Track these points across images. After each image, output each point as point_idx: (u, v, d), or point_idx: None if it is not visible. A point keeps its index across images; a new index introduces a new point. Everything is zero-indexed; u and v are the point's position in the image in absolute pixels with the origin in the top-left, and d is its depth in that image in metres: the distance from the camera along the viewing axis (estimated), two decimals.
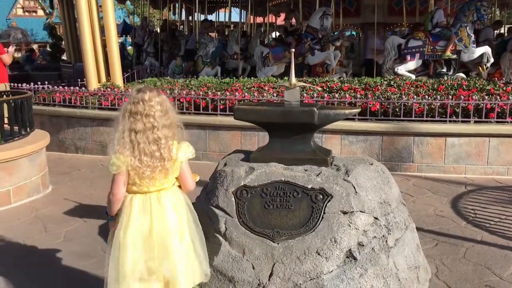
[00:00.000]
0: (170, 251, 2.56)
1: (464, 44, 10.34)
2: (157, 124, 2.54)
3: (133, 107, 2.55)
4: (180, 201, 2.69)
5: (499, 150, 6.13)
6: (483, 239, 4.22)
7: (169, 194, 2.65)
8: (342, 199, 3.10)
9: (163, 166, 2.57)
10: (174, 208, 2.64)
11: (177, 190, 2.73)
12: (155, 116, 2.54)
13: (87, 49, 8.18)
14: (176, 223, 2.62)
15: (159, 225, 2.56)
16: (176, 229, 2.61)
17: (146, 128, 2.54)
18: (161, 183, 2.61)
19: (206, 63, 12.16)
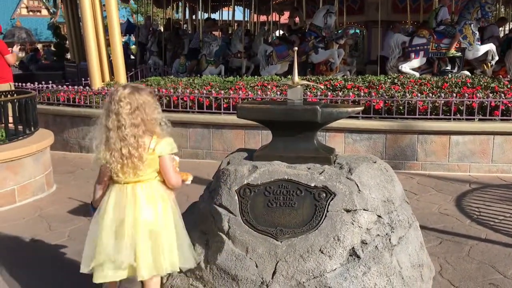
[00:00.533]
0: (138, 240, 2.71)
1: (469, 42, 10.29)
2: (125, 123, 2.65)
3: (108, 105, 2.71)
4: (157, 195, 2.82)
5: (504, 148, 6.11)
6: (487, 237, 4.20)
7: (145, 186, 2.79)
8: (345, 197, 3.10)
9: (132, 162, 2.69)
10: (148, 201, 2.77)
11: (156, 183, 2.86)
12: (122, 115, 2.65)
13: (91, 49, 8.20)
14: (149, 215, 2.75)
15: (130, 215, 2.72)
16: (147, 220, 2.74)
17: (115, 126, 2.67)
18: (135, 176, 2.74)
19: (210, 62, 12.16)
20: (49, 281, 3.52)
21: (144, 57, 15.21)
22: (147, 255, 2.74)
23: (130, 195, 2.74)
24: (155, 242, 2.77)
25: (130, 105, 2.65)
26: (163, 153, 2.79)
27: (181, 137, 7.19)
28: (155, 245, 2.77)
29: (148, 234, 2.75)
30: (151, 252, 2.76)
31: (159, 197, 2.83)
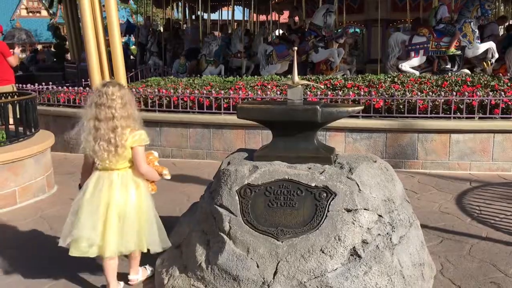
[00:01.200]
0: (108, 221, 3.08)
1: (469, 40, 10.30)
2: (117, 115, 3.03)
3: (98, 99, 3.04)
4: (130, 182, 3.17)
5: (504, 146, 6.11)
6: (488, 235, 4.20)
7: (121, 174, 3.15)
8: (346, 197, 3.11)
9: (116, 151, 3.06)
10: (122, 186, 3.13)
11: (131, 172, 3.20)
12: (116, 108, 3.03)
13: (91, 49, 8.19)
14: (120, 199, 3.12)
15: (105, 198, 3.09)
16: (118, 203, 3.11)
17: (107, 118, 3.02)
18: (115, 164, 3.11)
19: (210, 62, 12.18)
20: (51, 281, 3.53)
21: (144, 58, 15.22)
22: (114, 235, 3.09)
23: (107, 180, 3.11)
24: (124, 223, 3.11)
25: (121, 100, 3.05)
26: (135, 144, 3.12)
27: (181, 137, 7.20)
28: (124, 226, 3.11)
29: (117, 216, 3.10)
30: (118, 233, 3.10)
31: (132, 184, 3.18)
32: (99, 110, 3.02)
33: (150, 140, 7.22)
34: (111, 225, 3.08)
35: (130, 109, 3.09)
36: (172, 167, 6.75)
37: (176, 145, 7.20)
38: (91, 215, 3.08)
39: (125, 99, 3.07)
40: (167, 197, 5.38)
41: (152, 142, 7.33)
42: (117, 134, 3.03)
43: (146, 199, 3.23)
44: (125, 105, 3.06)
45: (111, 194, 3.10)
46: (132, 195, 3.16)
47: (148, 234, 3.22)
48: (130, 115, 3.09)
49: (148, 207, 3.23)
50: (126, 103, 3.07)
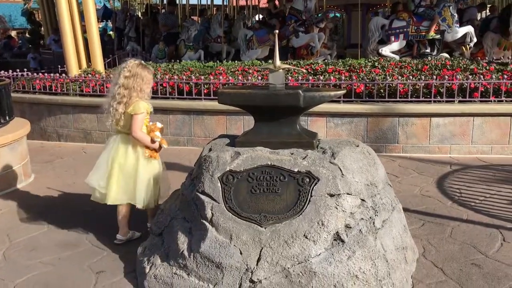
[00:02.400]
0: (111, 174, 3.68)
1: (448, 24, 10.34)
2: (119, 82, 3.54)
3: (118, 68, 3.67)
4: (130, 144, 3.66)
5: (483, 129, 6.17)
6: (468, 218, 4.24)
7: (125, 137, 3.68)
8: (329, 182, 3.09)
9: (115, 115, 3.58)
10: (124, 147, 3.67)
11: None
12: (121, 76, 3.54)
13: (67, 35, 7.99)
14: (121, 158, 3.67)
15: (111, 155, 3.70)
16: (120, 161, 3.66)
17: (114, 84, 3.60)
18: (121, 127, 3.65)
19: (189, 47, 12.00)
20: (29, 274, 3.44)
21: (122, 43, 14.92)
22: (113, 186, 3.66)
23: (115, 141, 3.71)
24: (122, 178, 3.67)
25: (130, 72, 3.53)
26: (132, 112, 3.53)
27: (161, 123, 7.07)
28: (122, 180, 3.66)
29: (118, 171, 3.65)
30: (117, 185, 3.67)
31: (131, 146, 3.66)
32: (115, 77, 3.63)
33: None
34: (112, 178, 3.65)
35: (135, 82, 3.51)
36: None
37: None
38: (100, 168, 3.70)
39: (133, 72, 3.52)
40: None
41: None
42: (116, 100, 3.53)
43: (140, 161, 3.66)
44: (131, 78, 3.51)
45: (115, 153, 3.67)
46: (130, 155, 3.65)
47: (137, 191, 3.66)
48: (133, 87, 3.51)
49: (142, 168, 3.66)
50: (133, 76, 3.51)
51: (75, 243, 3.87)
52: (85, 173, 5.80)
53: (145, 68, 3.62)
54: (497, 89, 6.23)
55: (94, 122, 7.34)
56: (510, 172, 5.52)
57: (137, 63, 3.60)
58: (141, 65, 3.61)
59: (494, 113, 6.12)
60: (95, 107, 7.30)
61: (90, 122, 7.37)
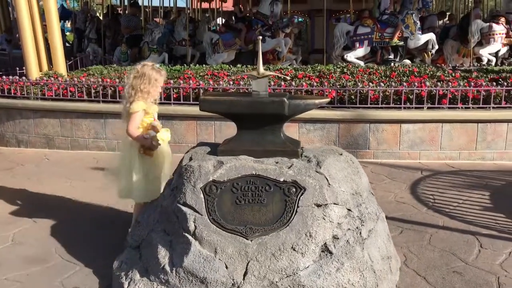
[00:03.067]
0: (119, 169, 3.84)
1: (411, 31, 10.56)
2: (128, 82, 3.64)
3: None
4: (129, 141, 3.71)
5: (451, 135, 6.28)
6: (444, 224, 4.28)
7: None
8: (316, 192, 3.02)
9: (123, 114, 3.72)
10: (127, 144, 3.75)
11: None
12: (130, 77, 3.64)
13: (26, 36, 7.63)
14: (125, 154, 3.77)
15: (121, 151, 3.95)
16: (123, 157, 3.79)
17: (125, 84, 3.71)
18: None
19: (153, 50, 11.74)
20: None
21: (82, 45, 14.47)
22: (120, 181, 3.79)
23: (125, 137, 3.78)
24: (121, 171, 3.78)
25: (138, 72, 3.59)
26: (130, 111, 3.58)
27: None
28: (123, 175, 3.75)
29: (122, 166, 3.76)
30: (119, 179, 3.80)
31: (129, 143, 3.72)
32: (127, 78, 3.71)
33: (94, 133, 6.83)
34: (119, 173, 3.79)
35: (142, 83, 3.56)
36: None
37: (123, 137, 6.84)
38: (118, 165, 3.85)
39: (141, 72, 3.58)
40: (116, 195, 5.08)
41: (96, 135, 6.96)
42: (124, 98, 3.66)
43: (133, 158, 3.69)
44: (138, 78, 3.56)
45: (121, 147, 4.01)
46: (127, 151, 3.74)
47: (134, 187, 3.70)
48: (139, 87, 3.56)
49: (134, 164, 3.69)
50: (141, 76, 3.56)
51: (44, 258, 3.63)
52: (49, 181, 5.61)
53: (155, 70, 3.64)
54: (464, 96, 6.36)
55: (57, 127, 7.02)
56: (479, 178, 5.64)
57: (148, 64, 3.66)
58: (151, 66, 3.64)
59: (462, 120, 6.24)
60: (58, 112, 7.00)
61: (52, 127, 7.05)
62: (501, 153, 6.35)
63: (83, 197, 4.99)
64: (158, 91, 3.69)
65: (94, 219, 4.40)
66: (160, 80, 3.66)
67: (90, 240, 3.92)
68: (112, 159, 4.00)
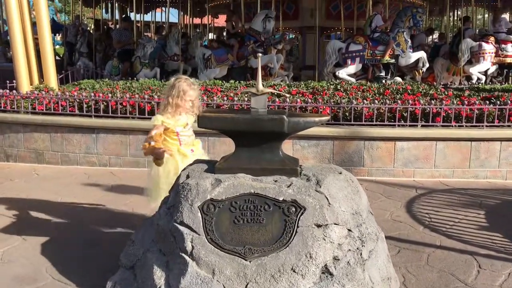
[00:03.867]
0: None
1: (402, 49, 10.66)
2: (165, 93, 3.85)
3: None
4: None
5: (445, 153, 6.29)
6: (442, 243, 4.24)
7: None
8: (316, 212, 2.96)
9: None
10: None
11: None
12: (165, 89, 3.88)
13: (18, 49, 7.54)
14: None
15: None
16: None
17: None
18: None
19: (145, 64, 11.71)
20: None
21: (72, 58, 14.39)
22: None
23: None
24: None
25: (169, 84, 3.81)
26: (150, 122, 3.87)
27: (120, 144, 6.77)
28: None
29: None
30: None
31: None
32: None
33: (85, 148, 6.73)
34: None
35: (170, 94, 3.71)
36: (111, 177, 6.33)
37: (115, 153, 6.76)
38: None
39: (172, 84, 3.76)
40: (108, 212, 5.00)
41: (87, 150, 6.86)
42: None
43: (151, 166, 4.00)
44: (169, 90, 3.74)
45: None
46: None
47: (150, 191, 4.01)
48: (167, 99, 3.72)
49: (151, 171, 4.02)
50: (171, 88, 3.73)
51: (35, 277, 3.52)
52: (39, 196, 5.48)
53: (186, 83, 3.75)
54: (457, 114, 6.38)
55: (47, 141, 6.91)
56: (473, 196, 5.63)
57: (182, 77, 3.81)
58: (183, 79, 3.78)
59: (455, 138, 6.26)
60: (48, 126, 6.89)
61: (42, 142, 6.93)
62: (495, 172, 6.36)
63: (74, 214, 4.88)
64: (188, 105, 3.76)
65: (86, 237, 4.29)
66: (189, 93, 3.74)
67: (81, 259, 3.82)
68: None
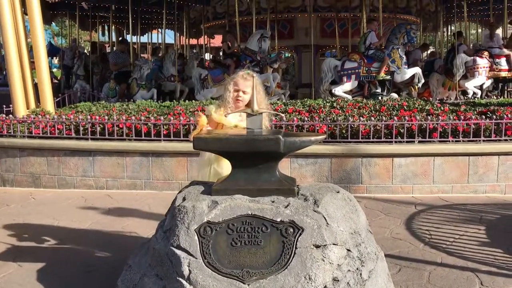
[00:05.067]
0: None
1: (397, 66, 10.75)
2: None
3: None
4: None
5: (443, 168, 6.27)
6: (443, 261, 4.19)
7: None
8: (314, 232, 2.93)
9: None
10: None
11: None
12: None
13: (14, 73, 7.56)
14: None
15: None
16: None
17: None
18: None
19: (141, 86, 11.78)
20: None
21: (70, 81, 14.47)
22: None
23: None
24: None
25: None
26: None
27: (117, 166, 6.74)
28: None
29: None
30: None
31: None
32: None
33: (82, 171, 6.70)
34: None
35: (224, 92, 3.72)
36: (108, 200, 6.29)
37: (112, 175, 6.73)
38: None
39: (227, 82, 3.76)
40: (105, 236, 4.94)
41: (84, 173, 6.83)
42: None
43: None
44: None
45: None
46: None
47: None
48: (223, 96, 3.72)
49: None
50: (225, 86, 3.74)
51: None
52: (35, 222, 5.43)
53: (237, 74, 3.65)
54: (454, 129, 6.38)
55: (44, 165, 6.87)
56: (473, 212, 5.59)
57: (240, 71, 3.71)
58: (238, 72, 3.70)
59: (453, 153, 6.24)
60: (45, 150, 6.87)
61: (39, 166, 6.90)
62: (493, 186, 6.34)
63: (71, 239, 4.82)
64: (230, 96, 3.62)
65: (83, 262, 4.23)
66: (233, 84, 3.60)
67: (78, 285, 3.76)
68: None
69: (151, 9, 15.93)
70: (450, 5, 15.22)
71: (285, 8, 13.93)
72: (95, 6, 15.17)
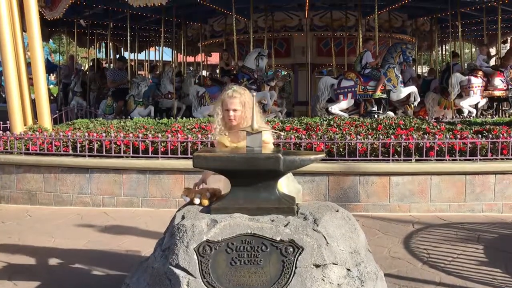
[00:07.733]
0: None
1: (393, 84, 10.83)
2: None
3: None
4: None
5: (440, 187, 6.28)
6: (441, 280, 4.18)
7: None
8: (314, 251, 2.92)
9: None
10: None
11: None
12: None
13: (12, 89, 7.57)
14: None
15: None
16: None
17: None
18: None
19: (139, 103, 11.78)
20: None
21: (67, 98, 14.49)
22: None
23: None
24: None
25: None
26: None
27: (114, 183, 6.72)
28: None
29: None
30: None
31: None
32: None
33: (79, 188, 6.67)
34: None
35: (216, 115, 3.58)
36: (105, 217, 6.25)
37: (108, 192, 6.70)
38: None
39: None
40: (102, 254, 4.90)
41: (80, 190, 6.80)
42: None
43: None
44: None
45: None
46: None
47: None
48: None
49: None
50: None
51: None
52: (31, 239, 5.38)
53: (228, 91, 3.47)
54: (450, 148, 6.42)
55: (40, 182, 6.84)
56: (470, 231, 5.59)
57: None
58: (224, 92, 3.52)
59: (450, 172, 6.26)
60: (42, 167, 6.85)
61: (35, 183, 6.87)
62: (490, 205, 6.35)
63: (67, 257, 4.78)
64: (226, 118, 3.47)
65: (79, 281, 4.19)
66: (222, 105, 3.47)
67: None
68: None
69: (148, 27, 16.07)
70: (444, 25, 15.43)
71: (282, 27, 14.09)
72: (93, 24, 15.29)
